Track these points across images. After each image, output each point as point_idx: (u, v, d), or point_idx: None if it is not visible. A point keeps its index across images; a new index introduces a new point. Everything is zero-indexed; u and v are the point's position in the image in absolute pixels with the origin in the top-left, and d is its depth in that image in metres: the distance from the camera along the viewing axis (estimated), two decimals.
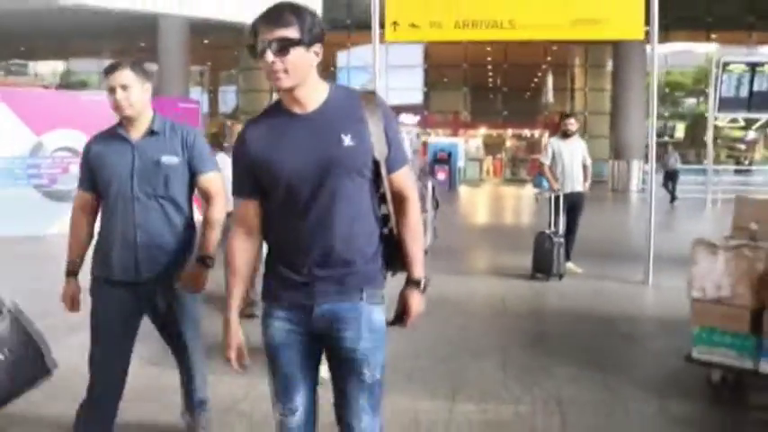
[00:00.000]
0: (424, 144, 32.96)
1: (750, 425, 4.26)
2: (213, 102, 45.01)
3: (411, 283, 2.51)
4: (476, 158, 38.45)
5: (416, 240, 2.49)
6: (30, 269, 9.04)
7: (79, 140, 11.24)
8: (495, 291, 8.22)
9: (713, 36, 35.36)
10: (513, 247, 10.49)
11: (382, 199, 2.45)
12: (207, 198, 3.45)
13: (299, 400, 2.46)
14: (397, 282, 2.56)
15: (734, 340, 4.46)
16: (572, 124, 9.20)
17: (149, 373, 4.87)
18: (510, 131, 42.51)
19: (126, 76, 3.22)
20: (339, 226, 2.34)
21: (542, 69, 40.56)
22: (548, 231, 8.83)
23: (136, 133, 3.31)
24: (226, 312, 2.48)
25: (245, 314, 4.76)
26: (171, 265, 3.33)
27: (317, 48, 2.33)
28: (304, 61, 2.29)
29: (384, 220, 2.48)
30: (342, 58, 39.67)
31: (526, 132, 41.54)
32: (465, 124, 41.34)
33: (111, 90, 3.23)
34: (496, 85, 40.87)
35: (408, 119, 39.10)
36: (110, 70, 3.25)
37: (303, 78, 2.32)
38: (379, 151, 2.37)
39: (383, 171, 2.40)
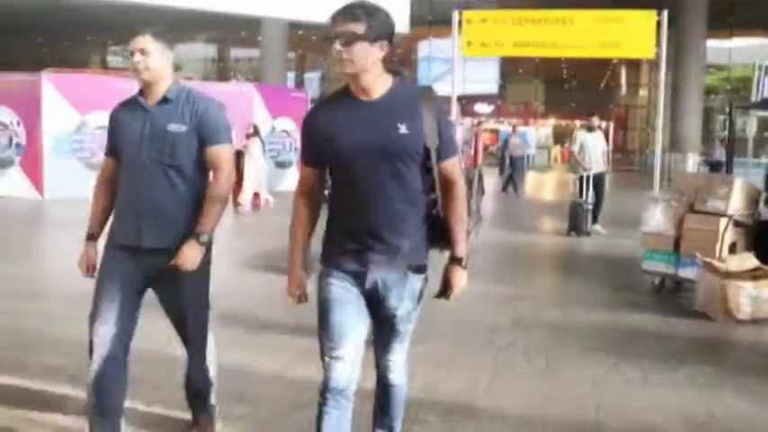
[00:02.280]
0: (476, 135, 35.63)
1: (670, 304, 7.10)
2: (299, 86, 48.63)
3: (454, 260, 2.82)
4: (545, 146, 41.06)
5: (460, 223, 2.79)
6: None
7: None
8: (537, 241, 11.38)
9: None
10: (560, 215, 13.15)
11: (432, 184, 2.74)
12: (213, 170, 3.36)
13: (346, 351, 2.70)
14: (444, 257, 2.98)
15: (663, 256, 7.38)
16: (595, 120, 12.07)
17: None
18: (578, 122, 44.86)
19: (146, 41, 3.24)
20: (391, 203, 2.65)
21: (612, 65, 42.61)
22: (579, 200, 11.74)
23: (152, 100, 3.30)
24: (289, 266, 2.88)
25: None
26: (176, 236, 3.24)
27: (383, 44, 2.61)
28: (367, 54, 2.58)
29: (434, 203, 2.77)
30: (423, 49, 42.61)
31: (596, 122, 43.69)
32: (536, 114, 43.92)
33: (132, 54, 3.24)
34: (568, 78, 43.23)
35: (483, 108, 41.98)
36: (133, 35, 3.27)
37: (366, 68, 2.60)
38: (431, 141, 2.66)
39: (433, 159, 2.68)
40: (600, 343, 5.59)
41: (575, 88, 43.38)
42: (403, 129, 2.60)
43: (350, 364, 2.70)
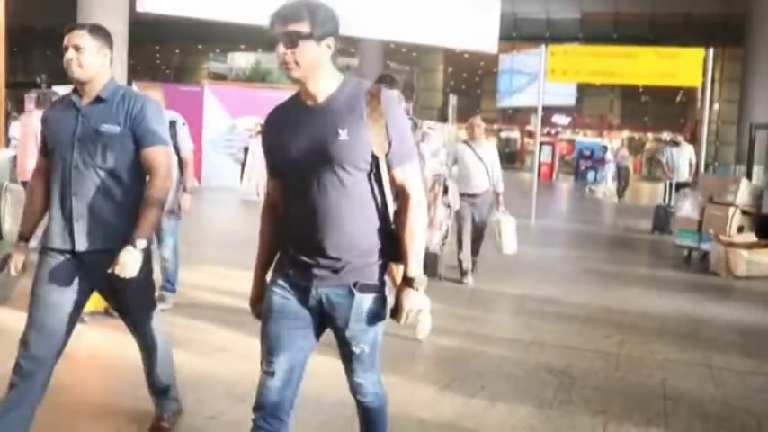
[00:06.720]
0: (553, 145, 37.88)
1: (693, 267, 10.01)
2: None
3: (404, 280, 2.55)
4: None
5: (413, 238, 2.51)
6: None
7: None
8: (618, 233, 14.37)
9: None
10: (641, 217, 16.06)
11: (385, 194, 2.52)
12: (149, 174, 3.20)
13: (279, 366, 2.54)
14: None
15: (690, 234, 10.31)
16: (678, 137, 14.96)
17: None
18: (650, 135, 47.17)
19: (81, 37, 3.09)
20: (332, 216, 2.44)
21: None
22: (663, 204, 14.39)
23: (86, 99, 3.15)
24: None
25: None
26: (110, 240, 3.12)
27: (329, 41, 2.43)
28: (314, 54, 2.40)
29: (393, 215, 2.55)
30: (505, 62, 45.43)
31: (665, 136, 45.97)
32: (610, 126, 46.42)
33: (65, 49, 3.08)
34: (643, 93, 45.57)
35: (561, 119, 44.81)
36: (68, 30, 3.13)
37: (313, 70, 2.42)
38: (379, 146, 2.43)
39: (382, 166, 2.46)
40: (637, 282, 8.67)
41: (650, 102, 45.70)
42: (343, 135, 2.40)
43: (282, 380, 2.55)
